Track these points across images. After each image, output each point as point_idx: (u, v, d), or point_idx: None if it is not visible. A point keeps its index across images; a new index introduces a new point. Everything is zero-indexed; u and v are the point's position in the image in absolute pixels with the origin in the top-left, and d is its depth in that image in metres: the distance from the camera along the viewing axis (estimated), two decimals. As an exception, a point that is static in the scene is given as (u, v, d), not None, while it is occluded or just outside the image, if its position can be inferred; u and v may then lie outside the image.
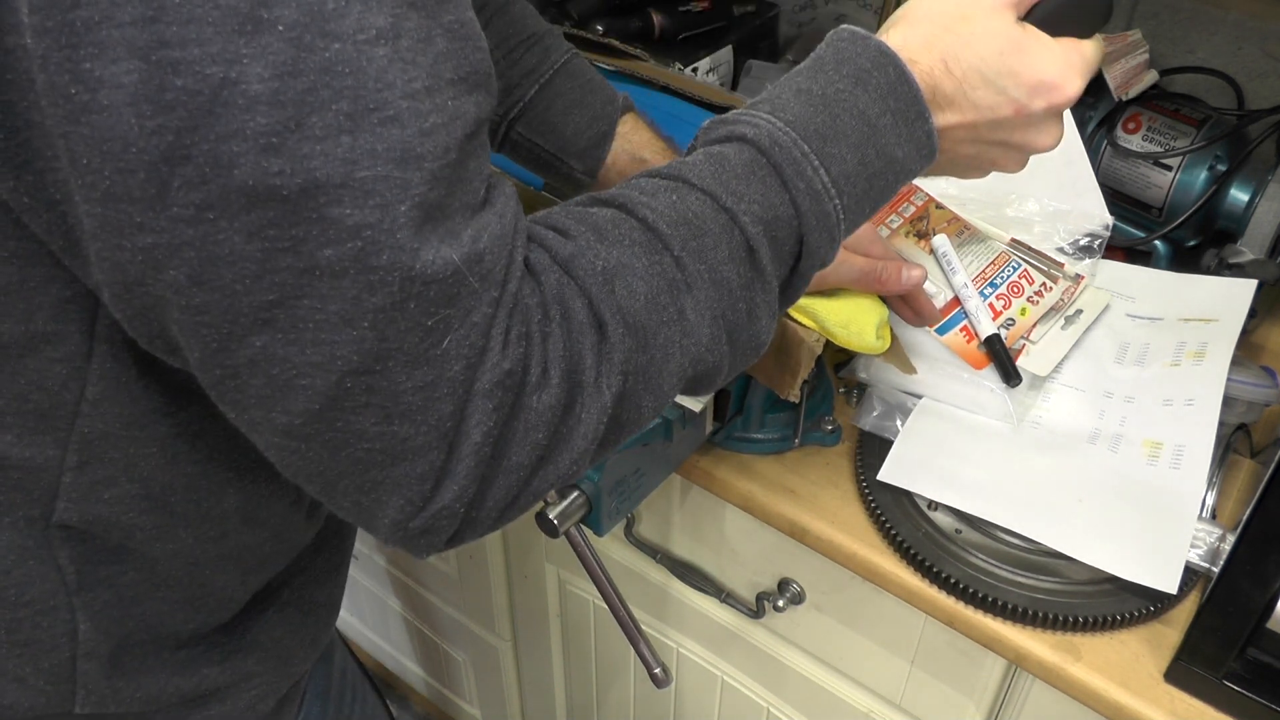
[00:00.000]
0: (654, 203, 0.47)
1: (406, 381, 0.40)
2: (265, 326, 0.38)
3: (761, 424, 0.81)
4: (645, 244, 0.46)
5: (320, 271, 0.37)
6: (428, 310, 0.39)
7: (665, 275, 0.46)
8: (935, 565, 0.72)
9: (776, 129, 0.50)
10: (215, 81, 0.35)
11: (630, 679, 1.13)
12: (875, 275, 0.74)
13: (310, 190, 0.36)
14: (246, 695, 0.64)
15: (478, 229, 0.41)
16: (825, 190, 0.50)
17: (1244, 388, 0.79)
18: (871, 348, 0.74)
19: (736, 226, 0.48)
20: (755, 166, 0.49)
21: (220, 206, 0.36)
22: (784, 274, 0.51)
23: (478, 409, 0.41)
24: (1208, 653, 0.66)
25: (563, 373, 0.44)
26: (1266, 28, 0.99)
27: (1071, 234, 0.91)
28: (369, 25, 0.36)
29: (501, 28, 0.78)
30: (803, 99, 0.51)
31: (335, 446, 0.41)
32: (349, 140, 0.37)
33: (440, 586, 1.32)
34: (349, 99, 0.36)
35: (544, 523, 0.69)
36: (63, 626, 0.54)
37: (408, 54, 0.37)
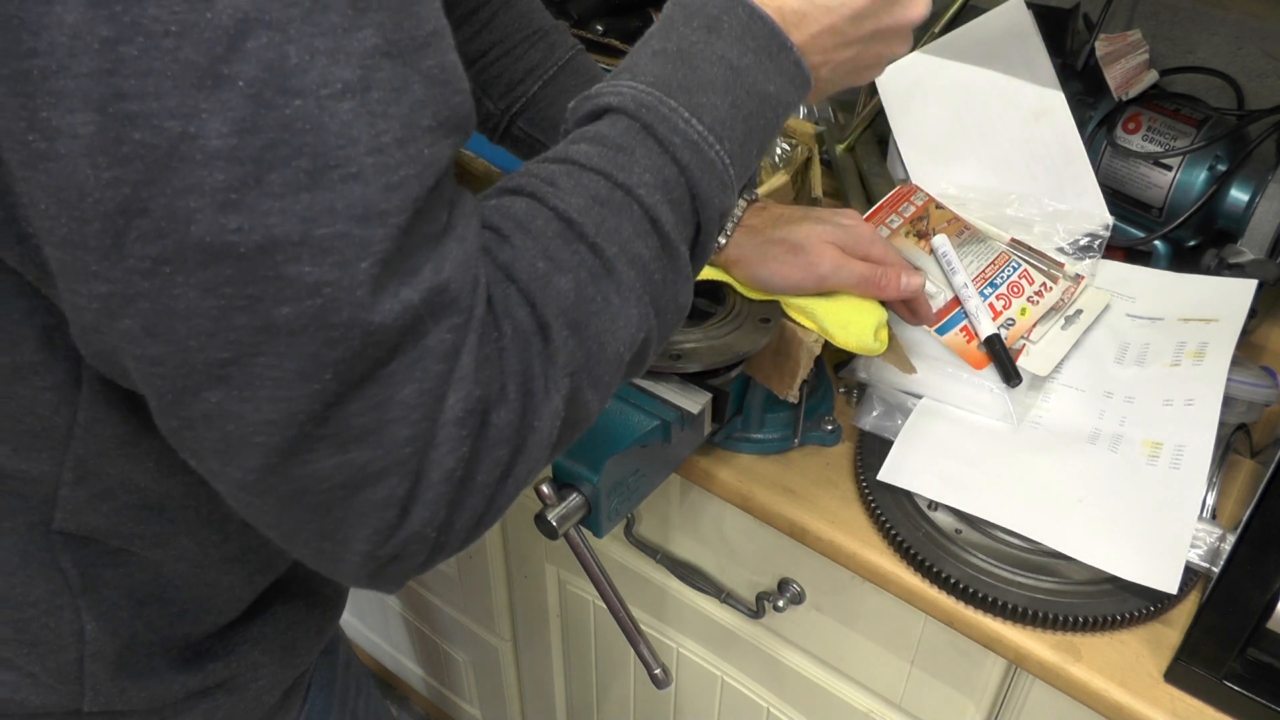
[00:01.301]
0: (559, 190, 0.47)
1: (370, 424, 0.39)
2: (220, 383, 0.38)
3: (761, 424, 0.81)
4: (563, 236, 0.46)
5: (277, 330, 0.37)
6: (387, 357, 0.39)
7: (586, 266, 0.46)
8: (935, 565, 0.72)
9: (640, 92, 0.49)
10: (173, 136, 0.34)
11: (630, 679, 1.13)
12: (875, 281, 0.74)
13: (268, 248, 0.36)
14: (253, 687, 0.64)
15: (439, 260, 0.40)
16: (703, 139, 0.50)
17: (1244, 388, 0.79)
18: (870, 349, 0.74)
19: (634, 200, 0.48)
20: (631, 133, 0.49)
21: (176, 261, 0.36)
22: (690, 233, 0.51)
23: (451, 436, 0.41)
24: (1208, 653, 0.66)
25: (518, 388, 0.43)
26: (1266, 28, 0.99)
27: (1071, 234, 0.91)
28: (334, 79, 0.36)
29: (507, 22, 0.78)
30: (659, 59, 0.51)
31: (295, 495, 0.40)
32: (308, 198, 0.36)
33: (440, 586, 1.32)
34: (309, 156, 0.36)
35: (543, 525, 0.69)
36: (69, 627, 0.54)
37: (378, 106, 0.37)
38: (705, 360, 0.72)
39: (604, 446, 0.69)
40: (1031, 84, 0.93)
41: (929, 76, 0.96)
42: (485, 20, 0.78)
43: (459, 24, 0.78)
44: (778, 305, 0.75)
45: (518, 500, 1.10)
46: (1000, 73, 0.94)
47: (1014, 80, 0.94)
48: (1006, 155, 0.94)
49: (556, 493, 0.70)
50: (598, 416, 0.68)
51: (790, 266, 0.74)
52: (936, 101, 0.96)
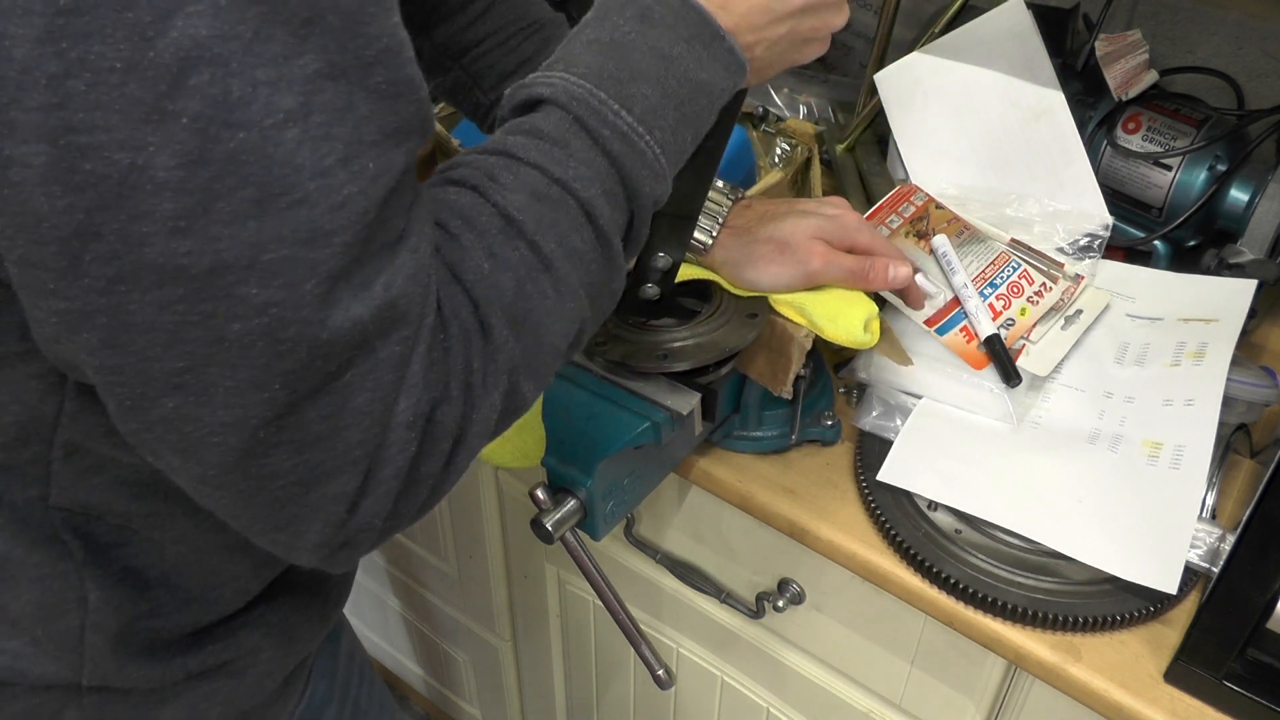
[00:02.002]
0: (499, 186, 0.48)
1: (321, 430, 0.42)
2: (176, 390, 0.40)
3: (759, 422, 0.81)
4: (504, 233, 0.48)
5: (229, 343, 0.39)
6: (337, 370, 0.41)
7: (526, 263, 0.48)
8: (935, 565, 0.72)
9: (571, 83, 0.50)
10: (123, 167, 0.36)
11: (630, 679, 1.13)
12: (862, 274, 0.74)
13: (218, 270, 0.38)
14: (253, 671, 0.65)
15: (391, 274, 0.42)
16: (632, 130, 0.51)
17: (1244, 388, 0.79)
18: (860, 341, 0.73)
19: (570, 195, 0.49)
20: (564, 126, 0.50)
21: (131, 280, 0.37)
22: (623, 221, 0.53)
23: (398, 439, 0.43)
24: (1208, 653, 0.66)
25: (460, 384, 0.45)
26: (1266, 28, 0.99)
27: (1071, 234, 0.91)
28: (277, 109, 0.37)
29: (503, 13, 0.78)
30: (593, 49, 0.52)
31: (253, 489, 0.43)
32: (255, 225, 0.38)
33: (440, 586, 1.32)
34: (255, 186, 0.37)
35: (539, 530, 0.69)
36: (72, 592, 0.55)
37: (320, 130, 0.38)
38: (693, 359, 0.71)
39: (595, 450, 0.69)
40: (1031, 84, 0.93)
41: (929, 76, 0.96)
42: (481, 10, 0.78)
43: (454, 13, 0.78)
44: (765, 300, 0.75)
45: (518, 500, 1.10)
46: (1000, 73, 0.94)
47: (1014, 80, 0.94)
48: (1006, 155, 0.94)
49: (551, 497, 0.69)
50: (585, 418, 0.69)
51: (779, 265, 0.74)
52: (936, 101, 0.96)
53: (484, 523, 1.12)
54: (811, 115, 1.14)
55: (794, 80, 1.19)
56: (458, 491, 1.13)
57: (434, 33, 0.78)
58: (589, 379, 0.73)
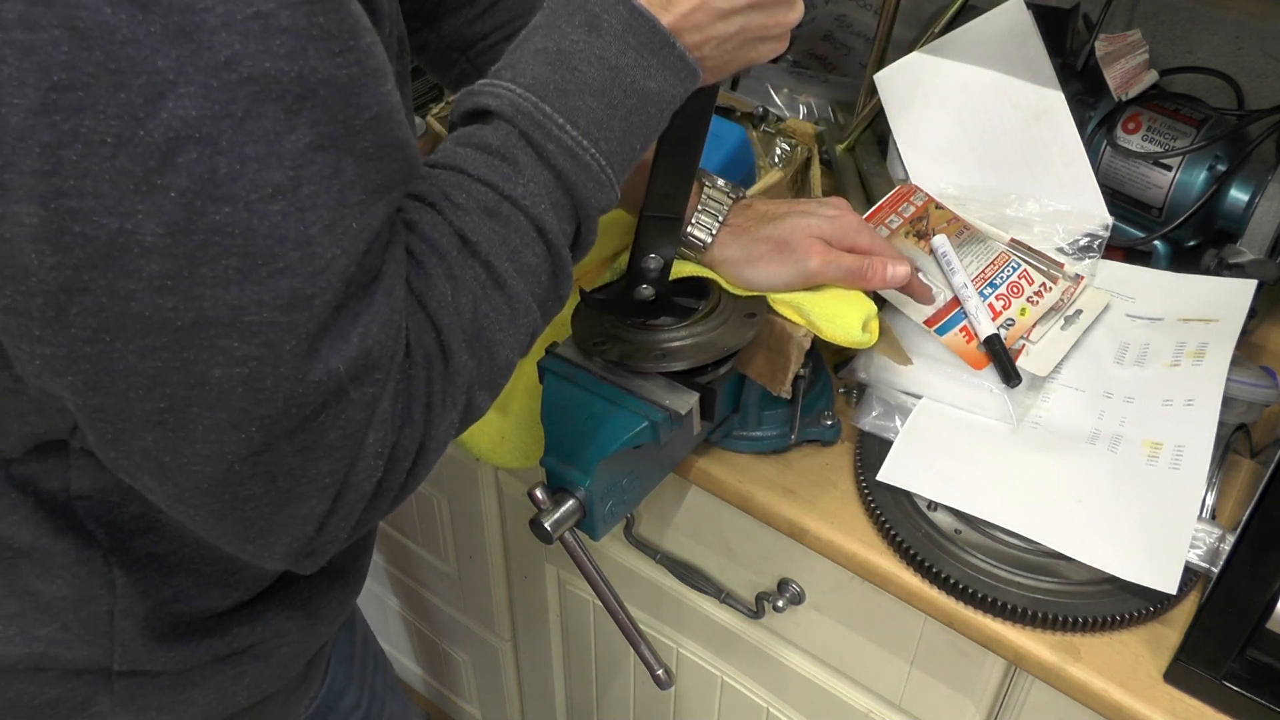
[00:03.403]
0: (455, 207, 0.49)
1: (292, 467, 0.44)
2: (157, 427, 0.42)
3: (759, 421, 0.81)
4: (461, 253, 0.49)
5: (209, 387, 0.41)
6: (312, 415, 0.43)
7: (481, 283, 0.49)
8: (935, 565, 0.72)
9: (518, 96, 0.51)
10: (111, 230, 0.37)
11: (630, 679, 1.13)
12: (860, 273, 0.74)
13: (201, 324, 0.40)
14: (278, 654, 0.66)
15: (367, 323, 0.43)
16: (577, 144, 0.51)
17: (1244, 388, 0.79)
18: (858, 341, 0.73)
19: (520, 211, 0.50)
20: (511, 141, 0.50)
21: (116, 330, 0.39)
22: (571, 230, 0.53)
23: (366, 468, 0.45)
24: (1207, 653, 0.66)
25: (422, 408, 0.47)
26: (1266, 28, 0.99)
27: (1071, 234, 0.91)
28: (265, 183, 0.39)
29: (510, 6, 0.78)
30: (540, 59, 0.52)
31: (226, 509, 0.44)
32: (238, 290, 0.39)
33: (440, 586, 1.32)
34: (239, 255, 0.39)
35: (538, 530, 0.69)
36: (100, 578, 0.57)
37: (307, 201, 0.40)
38: (691, 358, 0.71)
39: (594, 450, 0.69)
40: (1031, 84, 0.93)
41: (929, 76, 0.96)
42: (488, 4, 0.78)
43: (460, 6, 0.78)
44: (763, 299, 0.75)
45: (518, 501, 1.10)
46: (1000, 73, 0.94)
47: (1014, 80, 0.94)
48: (1006, 155, 0.94)
49: (550, 497, 0.69)
50: (584, 418, 0.70)
51: (777, 265, 0.74)
52: (936, 101, 0.96)
53: (484, 523, 1.12)
54: (811, 115, 1.14)
55: (794, 80, 1.19)
56: (458, 491, 1.13)
57: (441, 26, 0.78)
58: (587, 378, 0.73)
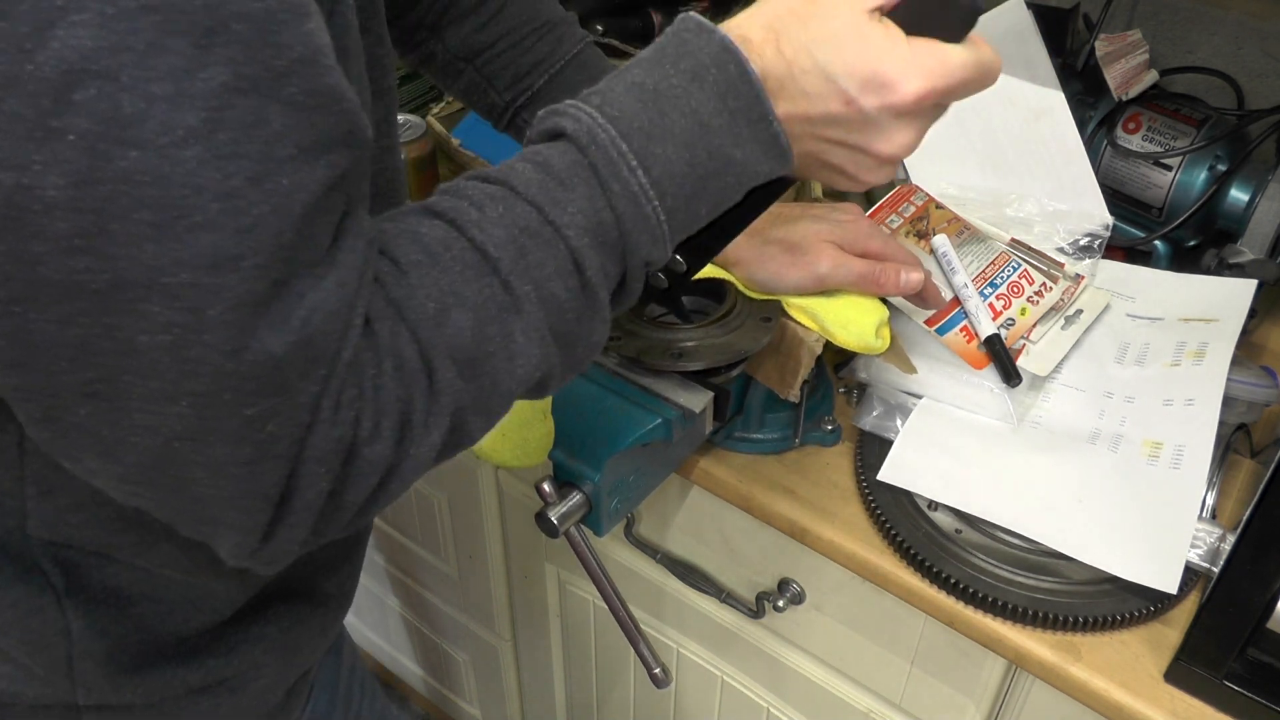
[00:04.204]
0: (483, 219, 0.46)
1: (230, 455, 0.40)
2: (90, 398, 0.38)
3: (761, 424, 0.81)
4: (475, 267, 0.45)
5: (138, 353, 0.37)
6: (247, 401, 0.39)
7: (494, 301, 0.46)
8: (935, 565, 0.72)
9: (597, 126, 0.48)
10: (8, 187, 0.34)
11: (630, 679, 1.13)
12: (873, 278, 0.74)
13: (119, 287, 0.36)
14: (254, 686, 0.64)
15: (311, 308, 0.40)
16: (643, 192, 0.48)
17: (1244, 388, 0.79)
18: (871, 348, 0.74)
19: (562, 240, 0.47)
20: (576, 168, 0.48)
21: (28, 300, 0.36)
22: (616, 273, 0.50)
23: (309, 473, 0.42)
24: (1208, 653, 0.66)
25: (394, 423, 0.44)
26: (1266, 28, 0.99)
27: (1071, 234, 0.91)
28: (176, 125, 0.35)
29: (515, 14, 0.78)
30: (634, 93, 0.49)
31: (171, 492, 0.42)
32: (154, 248, 0.36)
33: (440, 586, 1.32)
34: (152, 207, 0.35)
35: (544, 523, 0.69)
36: (54, 625, 0.55)
37: (227, 148, 0.36)
38: (707, 359, 0.72)
39: (605, 445, 0.69)
40: (1031, 84, 0.93)
41: (929, 76, 0.96)
42: (493, 11, 0.77)
43: (465, 15, 0.77)
44: (778, 304, 0.75)
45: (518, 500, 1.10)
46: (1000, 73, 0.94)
47: (1014, 80, 0.94)
48: (1006, 155, 0.94)
49: (557, 491, 0.70)
50: (595, 413, 0.68)
51: (789, 267, 0.74)
52: (936, 101, 0.96)
53: (484, 523, 1.12)
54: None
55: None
56: (458, 491, 1.13)
57: (446, 35, 0.78)
58: (600, 373, 0.73)
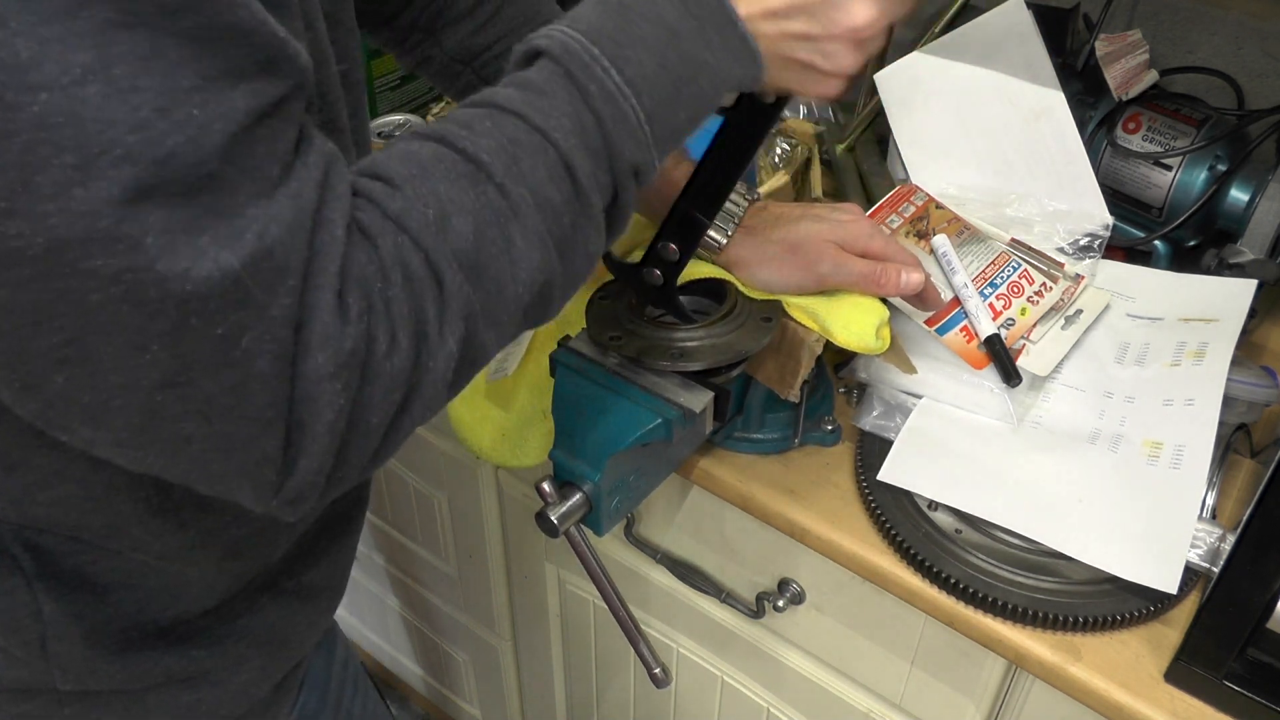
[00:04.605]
0: (472, 133, 0.47)
1: (215, 386, 0.40)
2: (62, 364, 0.38)
3: (761, 424, 0.81)
4: (469, 176, 0.47)
5: (96, 310, 0.37)
6: (214, 321, 0.39)
7: (491, 206, 0.47)
8: (935, 565, 0.72)
9: (569, 37, 0.50)
10: None
11: (630, 679, 1.13)
12: (874, 279, 0.74)
13: (57, 248, 0.36)
14: (239, 679, 0.64)
15: (265, 222, 0.40)
16: (619, 90, 0.50)
17: (1244, 388, 0.79)
18: (871, 348, 0.74)
19: (550, 144, 0.48)
20: (554, 78, 0.50)
21: None
22: (606, 182, 0.51)
23: (325, 391, 0.42)
24: (1208, 653, 0.66)
25: (410, 333, 0.44)
26: (1266, 28, 0.99)
27: (1071, 234, 0.91)
28: (73, 64, 0.35)
29: (513, 16, 0.78)
30: (599, 9, 0.52)
31: (171, 450, 0.42)
32: (82, 193, 0.36)
33: (440, 586, 1.32)
34: (73, 149, 0.35)
35: (544, 523, 0.69)
36: (25, 608, 0.55)
37: (125, 80, 0.36)
38: (707, 359, 0.72)
39: (605, 445, 0.69)
40: (1031, 84, 0.93)
41: (929, 76, 0.96)
42: (490, 14, 0.78)
43: (462, 17, 0.77)
44: (779, 304, 0.75)
45: (518, 500, 1.10)
46: (1000, 73, 0.94)
47: (1014, 80, 0.94)
48: (1006, 155, 0.94)
49: (558, 491, 0.70)
50: (596, 413, 0.69)
51: (790, 267, 0.74)
52: (936, 101, 0.96)
53: (484, 522, 1.12)
54: (811, 115, 1.14)
55: (794, 80, 1.19)
56: (458, 491, 1.13)
57: (443, 38, 0.78)
58: (600, 373, 0.73)
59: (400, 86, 1.19)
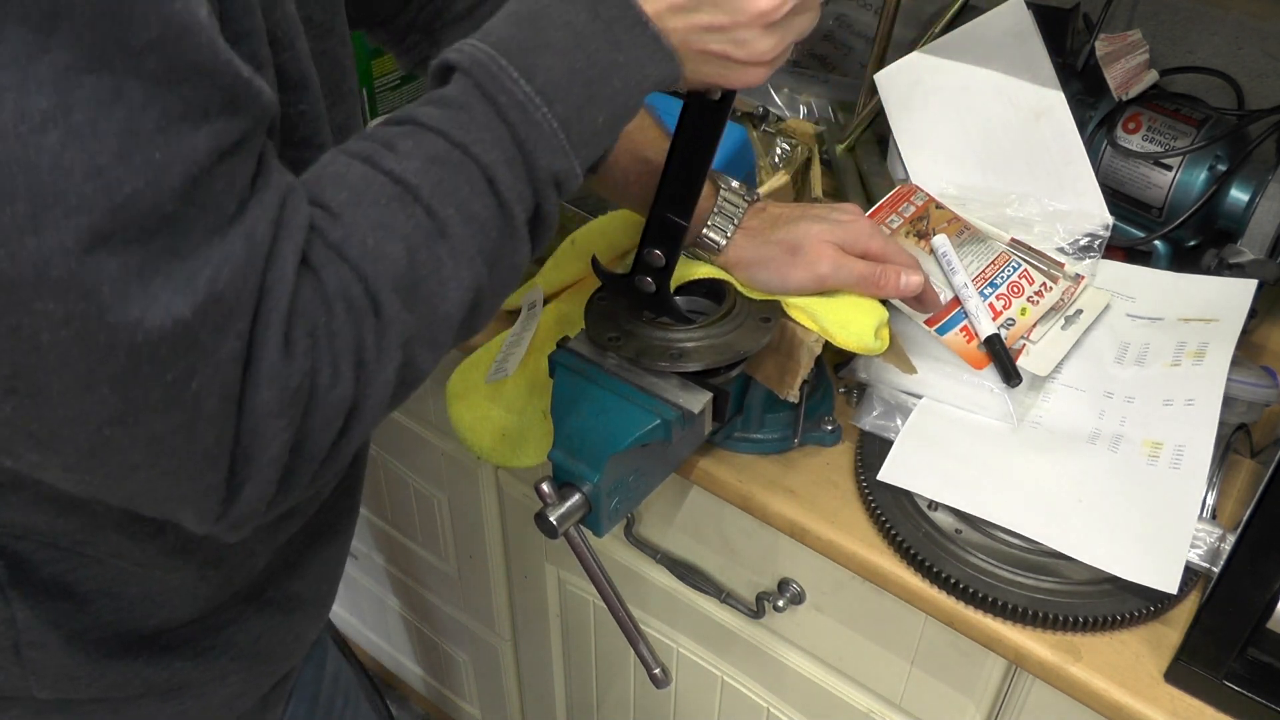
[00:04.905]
0: (397, 154, 0.48)
1: (163, 426, 0.40)
2: (10, 394, 0.38)
3: (761, 424, 0.81)
4: (398, 199, 0.47)
5: (45, 350, 0.37)
6: (164, 367, 0.39)
7: (421, 228, 0.47)
8: (935, 565, 0.72)
9: (478, 51, 0.51)
10: None
11: (630, 679, 1.13)
12: (874, 280, 0.74)
13: (8, 288, 0.36)
14: (222, 692, 0.64)
15: (219, 264, 0.40)
16: (529, 100, 0.50)
17: (1244, 388, 0.79)
18: (870, 348, 0.74)
19: (471, 160, 0.49)
20: (467, 92, 0.50)
21: None
22: (526, 194, 0.51)
23: (271, 426, 0.42)
24: (1208, 653, 0.66)
25: (351, 364, 0.45)
26: (1266, 28, 0.99)
27: (1071, 234, 0.91)
28: (31, 111, 0.35)
29: None
30: (509, 20, 0.52)
31: (117, 478, 0.42)
32: (34, 241, 0.35)
33: (440, 586, 1.32)
34: (25, 199, 0.35)
35: (543, 524, 0.69)
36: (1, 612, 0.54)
37: (86, 127, 0.36)
38: (706, 359, 0.72)
39: (604, 446, 0.69)
40: (1031, 84, 0.93)
41: (929, 76, 0.96)
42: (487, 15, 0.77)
43: (459, 19, 0.77)
44: (778, 304, 0.75)
45: (518, 500, 1.09)
46: (1000, 73, 0.94)
47: (1014, 80, 0.94)
48: (1006, 155, 0.94)
49: (557, 492, 0.70)
50: (595, 413, 0.69)
51: (790, 268, 0.74)
52: (936, 101, 0.96)
53: (484, 523, 1.12)
54: (811, 115, 1.14)
55: (794, 80, 1.19)
56: (457, 491, 1.13)
57: (441, 39, 0.78)
58: (599, 374, 0.73)
59: (400, 87, 1.19)
